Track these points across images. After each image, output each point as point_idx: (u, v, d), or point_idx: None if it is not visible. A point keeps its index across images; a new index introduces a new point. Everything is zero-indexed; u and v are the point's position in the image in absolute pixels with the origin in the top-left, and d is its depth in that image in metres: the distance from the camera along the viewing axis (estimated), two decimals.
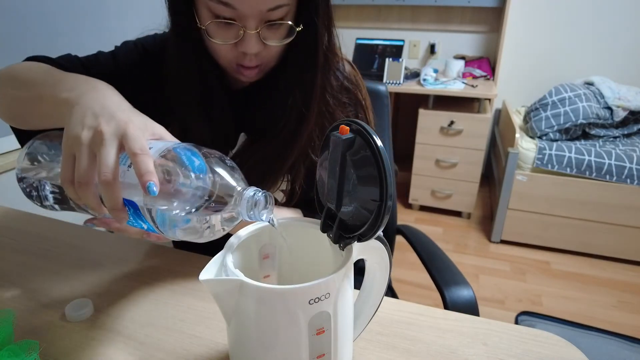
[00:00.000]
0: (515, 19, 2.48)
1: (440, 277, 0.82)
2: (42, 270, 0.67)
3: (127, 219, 0.41)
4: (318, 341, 0.40)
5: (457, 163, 2.35)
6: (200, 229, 0.41)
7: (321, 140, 0.68)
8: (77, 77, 0.51)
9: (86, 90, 0.46)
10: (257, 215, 0.40)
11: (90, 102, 0.44)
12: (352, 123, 0.37)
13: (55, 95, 0.48)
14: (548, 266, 2.08)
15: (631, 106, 2.14)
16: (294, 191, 0.72)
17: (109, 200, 0.38)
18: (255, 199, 0.39)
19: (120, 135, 0.39)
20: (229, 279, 0.37)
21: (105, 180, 0.37)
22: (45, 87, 0.51)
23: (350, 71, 0.74)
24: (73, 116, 0.42)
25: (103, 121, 0.40)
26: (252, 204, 0.39)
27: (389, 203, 0.34)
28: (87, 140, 0.40)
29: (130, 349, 0.52)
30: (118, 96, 0.47)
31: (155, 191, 0.36)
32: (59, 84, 0.50)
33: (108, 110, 0.42)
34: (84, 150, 0.39)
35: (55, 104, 0.48)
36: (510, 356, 0.51)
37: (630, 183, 1.93)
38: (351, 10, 2.81)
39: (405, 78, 2.44)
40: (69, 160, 0.41)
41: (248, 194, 0.40)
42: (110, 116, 0.41)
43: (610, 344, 1.59)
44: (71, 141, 0.41)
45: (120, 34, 0.73)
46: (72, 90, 0.47)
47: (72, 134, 0.41)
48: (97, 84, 0.48)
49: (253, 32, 0.57)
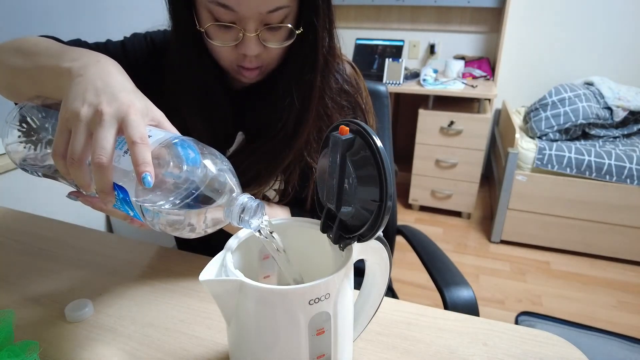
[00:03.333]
0: (515, 19, 2.48)
1: (440, 277, 0.82)
2: (42, 270, 0.67)
3: (114, 202, 0.40)
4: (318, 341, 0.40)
5: (457, 163, 2.35)
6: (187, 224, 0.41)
7: (318, 142, 0.68)
8: (81, 50, 0.49)
9: (89, 63, 0.44)
10: (247, 222, 0.40)
11: (93, 76, 0.42)
12: (352, 123, 0.37)
13: (57, 65, 0.46)
14: (548, 266, 2.08)
15: (631, 106, 2.14)
16: (286, 191, 0.72)
17: (99, 183, 0.38)
18: (248, 206, 0.39)
19: (121, 119, 0.38)
20: (229, 280, 0.37)
21: (98, 162, 0.37)
22: (47, 57, 0.49)
23: (351, 73, 0.74)
24: (73, 88, 0.41)
25: (104, 100, 0.39)
26: (244, 210, 0.39)
27: (388, 203, 0.34)
28: (85, 119, 0.39)
29: (130, 349, 0.52)
30: (122, 74, 0.46)
31: (151, 182, 0.35)
32: (61, 55, 0.48)
33: (111, 88, 0.41)
34: (82, 127, 0.38)
35: (56, 73, 0.46)
36: (510, 356, 0.51)
37: (630, 183, 1.93)
38: (351, 11, 2.81)
39: (405, 78, 2.44)
40: (63, 134, 0.40)
41: (242, 199, 0.40)
42: (112, 96, 0.40)
43: (610, 344, 1.59)
44: (69, 115, 0.39)
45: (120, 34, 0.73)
46: (75, 60, 0.45)
47: (71, 108, 0.39)
48: (101, 58, 0.46)
49: (253, 35, 0.56)
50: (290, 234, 0.46)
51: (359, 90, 0.73)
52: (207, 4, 0.55)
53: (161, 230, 0.42)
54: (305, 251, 0.47)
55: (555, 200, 2.06)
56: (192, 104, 0.66)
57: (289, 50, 0.63)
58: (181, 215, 0.40)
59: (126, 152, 0.39)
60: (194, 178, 0.38)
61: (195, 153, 0.40)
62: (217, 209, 0.40)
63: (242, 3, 0.54)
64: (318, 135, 0.68)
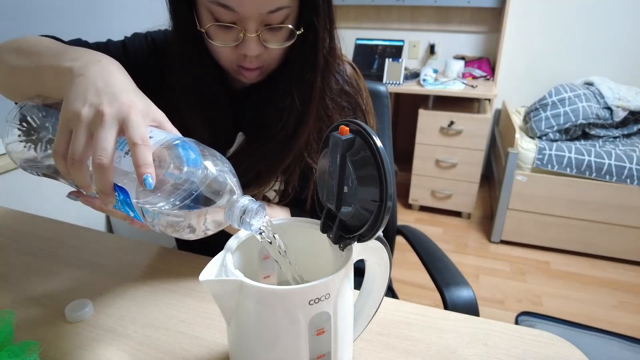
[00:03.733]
0: (515, 19, 2.47)
1: (440, 277, 0.82)
2: (42, 270, 0.67)
3: (114, 203, 0.40)
4: (318, 341, 0.40)
5: (457, 163, 2.35)
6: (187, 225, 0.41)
7: (318, 143, 0.68)
8: (81, 49, 0.49)
9: (90, 62, 0.44)
10: (248, 223, 0.40)
11: (94, 75, 0.42)
12: (352, 123, 0.37)
13: (58, 65, 0.46)
14: (548, 266, 2.08)
15: (631, 106, 2.14)
16: (286, 192, 0.72)
17: (100, 184, 0.37)
18: (249, 208, 0.39)
19: (122, 119, 0.38)
20: (229, 280, 0.37)
21: (99, 163, 0.36)
22: (47, 56, 0.49)
23: (352, 74, 0.73)
24: (74, 88, 0.41)
25: (105, 101, 0.39)
26: (245, 212, 0.39)
27: (388, 203, 0.34)
28: (86, 119, 0.38)
29: (130, 349, 0.52)
30: (122, 73, 0.46)
31: (152, 184, 0.35)
32: (62, 54, 0.48)
33: (111, 88, 0.41)
34: (82, 128, 0.38)
35: (56, 73, 0.46)
36: (510, 356, 0.51)
37: (630, 183, 1.93)
38: (351, 11, 2.81)
39: (405, 78, 2.44)
40: (64, 134, 0.40)
41: (243, 202, 0.40)
42: (113, 96, 0.40)
43: (610, 344, 1.59)
44: (70, 115, 0.39)
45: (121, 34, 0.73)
46: (75, 60, 0.45)
47: (72, 109, 0.39)
48: (102, 58, 0.46)
49: (253, 35, 0.56)
50: (290, 234, 0.46)
51: (360, 91, 0.73)
52: (208, 4, 0.55)
53: (161, 232, 0.42)
54: (305, 251, 0.47)
55: (555, 200, 2.06)
56: (192, 104, 0.66)
57: (290, 51, 0.63)
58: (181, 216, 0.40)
59: (127, 153, 0.38)
60: (194, 179, 0.38)
61: (196, 154, 0.40)
62: (218, 210, 0.40)
63: (243, 3, 0.54)
64: (318, 136, 0.68)
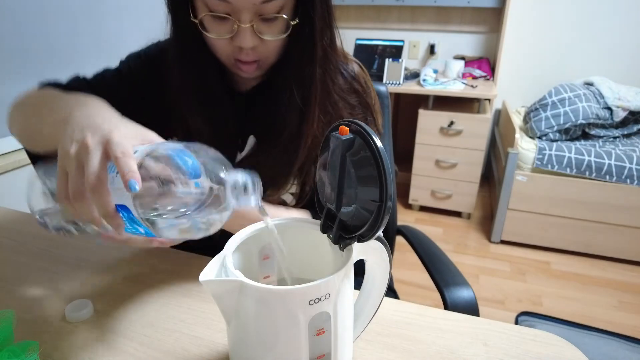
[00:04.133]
0: (515, 19, 2.48)
1: (441, 277, 0.82)
2: (42, 270, 0.67)
3: (123, 225, 0.41)
4: (318, 342, 0.40)
5: (457, 163, 2.35)
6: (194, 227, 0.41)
7: None
8: (71, 97, 0.53)
9: (76, 107, 0.48)
10: (245, 200, 0.40)
11: (80, 118, 0.45)
12: (352, 123, 0.37)
13: (53, 118, 0.50)
14: (548, 266, 2.08)
15: (631, 106, 2.14)
16: (303, 193, 0.71)
17: (99, 206, 0.39)
18: (242, 183, 0.39)
19: (105, 143, 0.40)
20: (229, 280, 0.37)
21: (91, 185, 0.38)
22: (45, 111, 0.54)
23: (359, 73, 0.73)
24: (64, 134, 0.44)
25: (89, 133, 0.41)
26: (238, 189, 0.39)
27: (388, 203, 0.34)
28: (75, 154, 0.41)
29: (130, 349, 0.52)
30: (108, 110, 0.48)
31: (137, 188, 0.36)
32: (56, 106, 0.52)
33: (94, 123, 0.43)
34: (73, 163, 0.40)
35: (52, 126, 0.50)
36: (510, 356, 0.51)
37: (630, 183, 1.93)
38: (351, 11, 2.81)
39: (405, 78, 2.44)
40: (63, 177, 0.42)
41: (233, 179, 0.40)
42: (96, 128, 0.42)
43: (610, 344, 1.59)
44: (62, 157, 0.42)
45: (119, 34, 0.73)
46: (64, 109, 0.49)
47: (63, 151, 0.42)
48: (87, 100, 0.50)
49: (247, 26, 0.56)
50: (290, 234, 0.46)
51: (368, 90, 0.73)
52: None
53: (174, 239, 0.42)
54: (305, 251, 0.47)
55: (555, 200, 2.06)
56: (193, 106, 0.66)
57: (288, 45, 0.62)
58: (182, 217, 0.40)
59: (117, 173, 0.39)
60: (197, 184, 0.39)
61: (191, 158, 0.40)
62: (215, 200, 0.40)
63: None
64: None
